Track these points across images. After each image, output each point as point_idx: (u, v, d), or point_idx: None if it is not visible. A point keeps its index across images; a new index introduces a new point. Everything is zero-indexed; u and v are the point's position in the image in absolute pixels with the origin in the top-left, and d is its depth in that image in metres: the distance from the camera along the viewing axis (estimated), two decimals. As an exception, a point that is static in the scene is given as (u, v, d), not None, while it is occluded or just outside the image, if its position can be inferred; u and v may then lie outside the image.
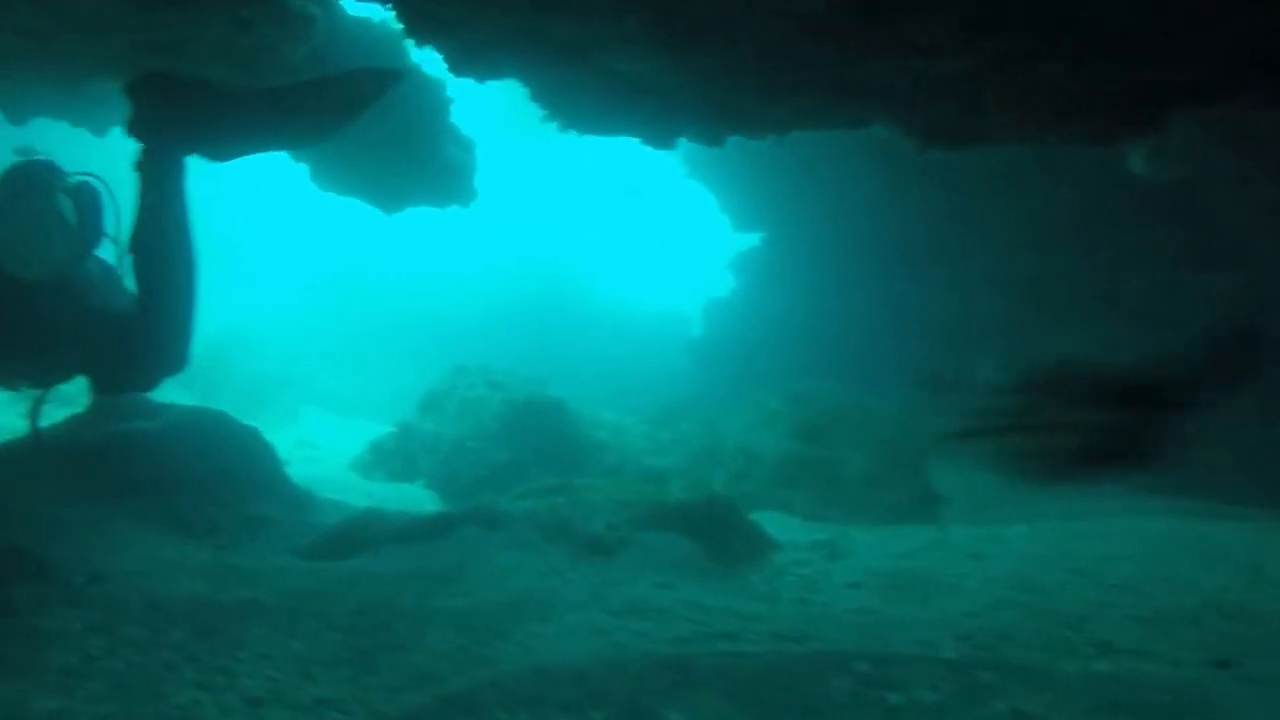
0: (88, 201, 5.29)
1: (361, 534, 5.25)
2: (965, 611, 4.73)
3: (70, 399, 8.73)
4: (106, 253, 5.48)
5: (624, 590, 5.12)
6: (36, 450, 5.39)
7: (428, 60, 7.16)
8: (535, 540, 5.45)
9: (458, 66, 5.34)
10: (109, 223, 5.46)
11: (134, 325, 5.09)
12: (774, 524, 6.95)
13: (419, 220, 23.69)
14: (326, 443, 10.79)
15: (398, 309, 18.87)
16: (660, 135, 5.76)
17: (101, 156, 6.91)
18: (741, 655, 3.93)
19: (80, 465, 5.40)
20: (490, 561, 5.05)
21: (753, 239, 17.09)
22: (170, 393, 11.04)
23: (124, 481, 5.43)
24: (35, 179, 5.18)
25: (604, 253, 24.25)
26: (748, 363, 15.03)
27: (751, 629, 4.81)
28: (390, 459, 8.20)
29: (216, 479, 5.76)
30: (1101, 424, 2.90)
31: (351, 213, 23.23)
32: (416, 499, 7.45)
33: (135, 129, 4.91)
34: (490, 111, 15.60)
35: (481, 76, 5.37)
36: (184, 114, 4.86)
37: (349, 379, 16.25)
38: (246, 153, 5.23)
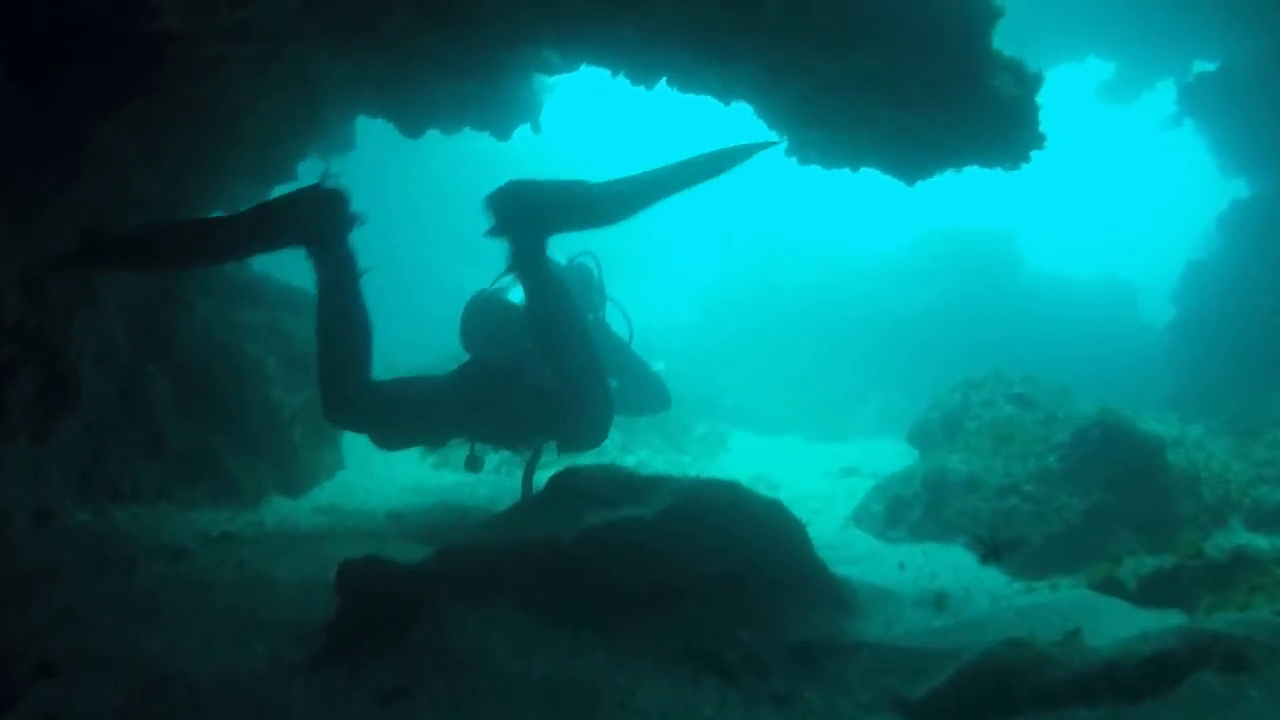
0: (576, 278, 6.41)
1: (1012, 678, 3.20)
2: None
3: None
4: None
5: None
6: (496, 559, 3.78)
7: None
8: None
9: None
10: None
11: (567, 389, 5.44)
12: None
13: (826, 210, 21.85)
14: (782, 476, 8.93)
15: (808, 308, 16.94)
16: None
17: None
18: None
19: (552, 575, 3.72)
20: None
21: (1240, 188, 13.70)
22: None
23: (614, 598, 3.70)
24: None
25: (1030, 219, 21.24)
26: (1261, 343, 11.77)
27: None
28: (908, 509, 6.13)
29: (735, 581, 3.92)
30: None
31: (753, 211, 21.79)
32: (972, 571, 5.32)
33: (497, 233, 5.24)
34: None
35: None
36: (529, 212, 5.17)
37: (768, 391, 14.49)
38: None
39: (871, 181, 6.53)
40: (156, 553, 4.57)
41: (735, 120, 6.64)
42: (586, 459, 5.00)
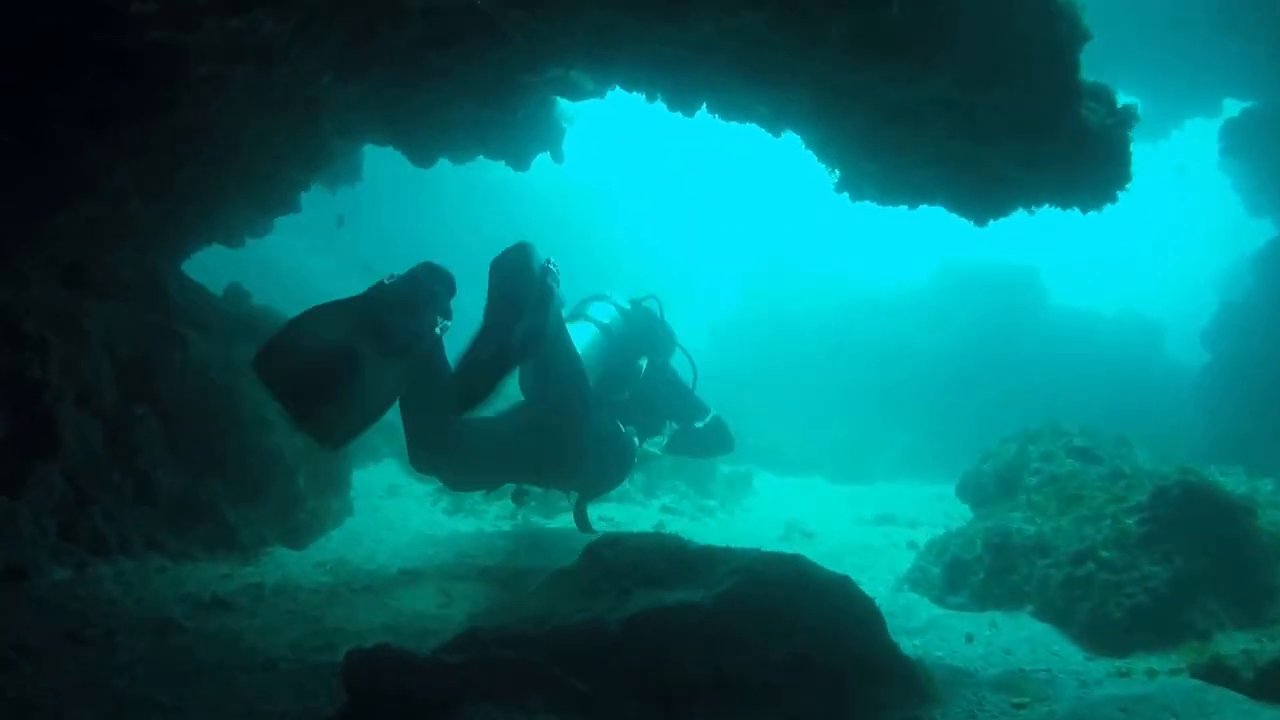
0: (639, 322, 6.62)
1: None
2: None
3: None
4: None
5: None
6: (528, 650, 3.24)
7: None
8: None
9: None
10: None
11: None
12: None
13: (836, 238, 21.31)
14: (815, 523, 8.39)
15: (825, 340, 16.36)
16: None
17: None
18: None
19: (594, 670, 3.19)
20: None
21: (1265, 227, 13.25)
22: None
23: (668, 697, 3.18)
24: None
25: (1051, 250, 20.63)
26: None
27: None
28: (969, 572, 5.58)
29: (803, 672, 3.40)
30: None
31: (762, 239, 21.31)
32: (1047, 645, 4.78)
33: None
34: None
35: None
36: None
37: (786, 427, 13.96)
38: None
39: (888, 208, 6.03)
40: (139, 625, 4.04)
41: (781, 150, 6.17)
42: (625, 518, 4.50)
